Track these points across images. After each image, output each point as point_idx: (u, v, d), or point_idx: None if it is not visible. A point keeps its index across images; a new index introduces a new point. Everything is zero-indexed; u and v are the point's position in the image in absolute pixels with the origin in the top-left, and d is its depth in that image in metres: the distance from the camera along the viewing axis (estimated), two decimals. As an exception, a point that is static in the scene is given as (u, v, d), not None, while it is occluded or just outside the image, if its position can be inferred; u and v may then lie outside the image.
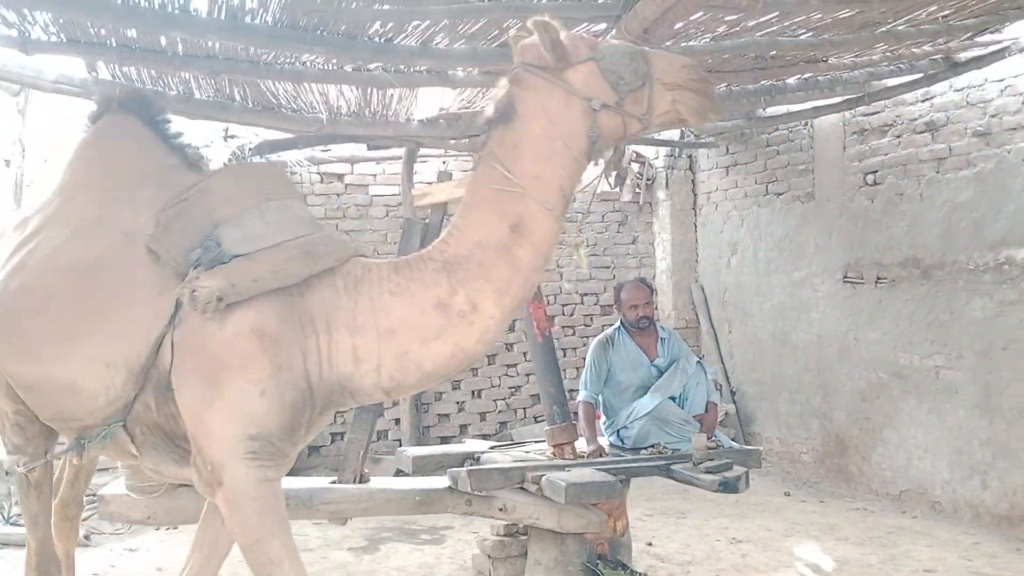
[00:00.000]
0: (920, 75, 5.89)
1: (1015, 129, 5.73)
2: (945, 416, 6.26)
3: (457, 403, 8.59)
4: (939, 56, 5.61)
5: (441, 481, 4.59)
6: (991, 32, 5.26)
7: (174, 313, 2.64)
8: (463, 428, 8.51)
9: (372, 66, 4.77)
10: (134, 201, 2.90)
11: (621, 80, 2.61)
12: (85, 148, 3.21)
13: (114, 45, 4.33)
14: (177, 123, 3.30)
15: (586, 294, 9.13)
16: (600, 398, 5.33)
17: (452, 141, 6.22)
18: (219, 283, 2.57)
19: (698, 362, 5.35)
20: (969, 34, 5.22)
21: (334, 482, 4.63)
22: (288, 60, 4.71)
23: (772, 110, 7.24)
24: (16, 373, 2.97)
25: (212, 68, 4.65)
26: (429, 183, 7.04)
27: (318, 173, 8.26)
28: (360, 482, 4.66)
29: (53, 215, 3.04)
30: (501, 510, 4.44)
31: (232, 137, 7.77)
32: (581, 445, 4.93)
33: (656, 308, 9.06)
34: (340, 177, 8.37)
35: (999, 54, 5.49)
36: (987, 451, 5.96)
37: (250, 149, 7.53)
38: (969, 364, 6.09)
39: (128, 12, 3.88)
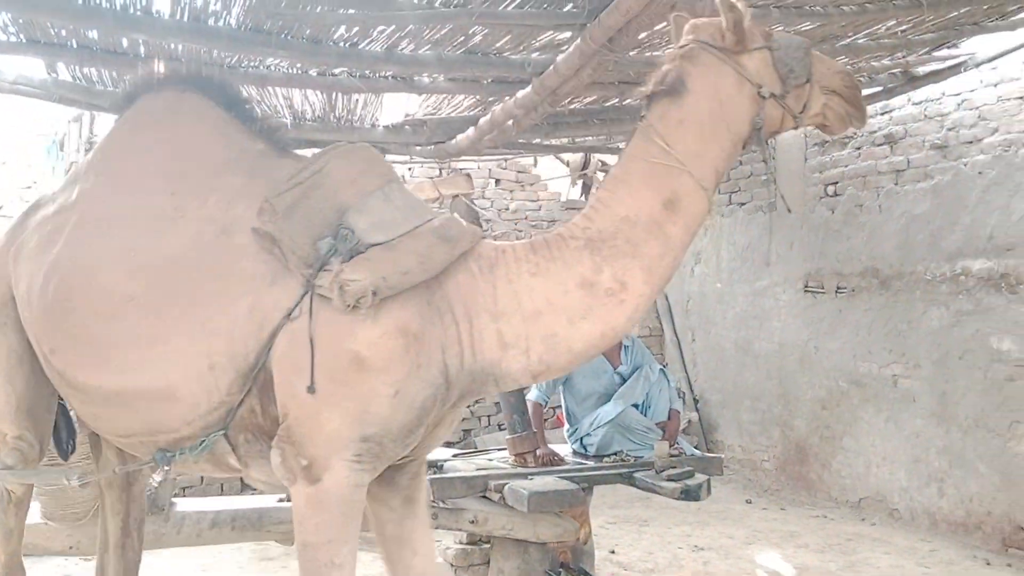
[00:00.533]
0: (879, 88, 5.98)
1: (971, 143, 5.85)
2: (903, 424, 6.35)
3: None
4: (898, 70, 5.70)
5: None
6: (948, 47, 5.36)
7: (294, 305, 2.42)
8: (427, 436, 8.46)
9: (337, 71, 4.74)
10: (221, 190, 2.63)
11: (791, 73, 2.59)
12: (135, 131, 2.87)
13: (75, 46, 4.27)
14: (256, 104, 3.00)
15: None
16: (559, 402, 5.33)
17: (418, 147, 6.19)
18: (369, 276, 2.38)
19: (661, 370, 5.37)
20: (927, 49, 5.31)
21: (282, 500, 4.23)
22: (252, 63, 4.66)
23: (735, 121, 7.29)
24: (86, 386, 2.65)
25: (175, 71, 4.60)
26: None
27: (282, 178, 8.19)
28: None
29: (101, 208, 2.72)
30: (472, 522, 4.35)
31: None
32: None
33: (620, 316, 9.12)
34: (304, 183, 8.30)
35: (956, 69, 5.59)
36: (943, 459, 6.05)
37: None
38: (926, 373, 6.18)
39: (89, 13, 3.82)
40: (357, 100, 5.44)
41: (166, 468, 2.59)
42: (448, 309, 2.50)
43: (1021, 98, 5.52)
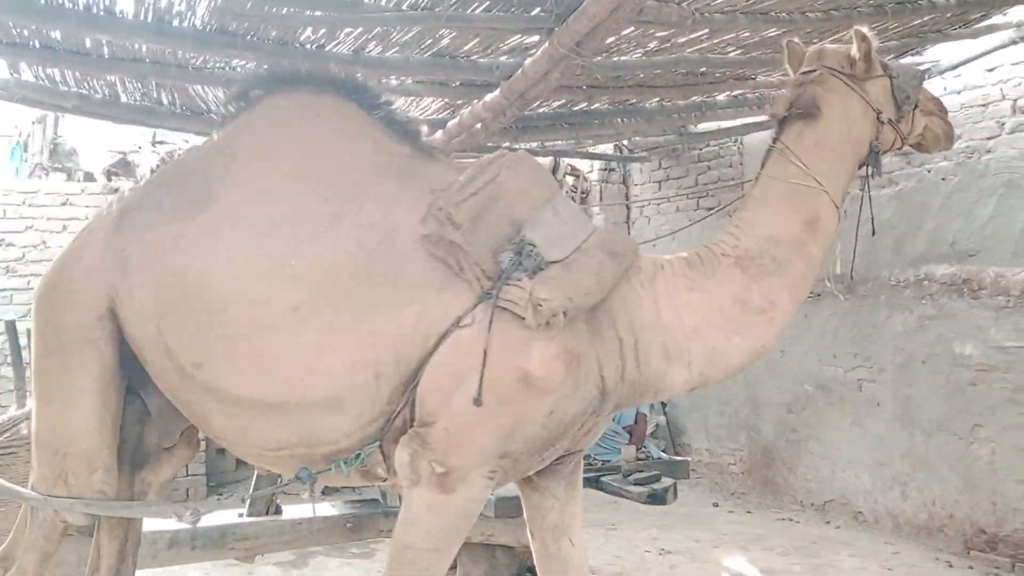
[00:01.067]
0: (845, 95, 6.04)
1: (934, 149, 5.92)
2: (867, 428, 6.41)
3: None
4: (863, 77, 5.76)
5: (370, 503, 4.38)
6: (912, 54, 5.44)
7: (463, 313, 2.40)
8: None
9: (304, 73, 4.72)
10: (376, 196, 2.56)
11: (907, 100, 2.78)
12: (271, 133, 2.72)
13: (37, 46, 4.21)
14: (398, 106, 2.83)
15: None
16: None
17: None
18: (559, 297, 2.38)
19: (629, 374, 5.38)
20: (891, 56, 5.38)
21: (242, 515, 4.11)
22: (218, 65, 4.62)
23: (703, 126, 7.36)
24: (241, 398, 2.51)
25: (139, 71, 4.55)
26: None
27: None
28: (275, 512, 4.18)
29: (244, 213, 2.57)
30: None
31: (160, 143, 7.63)
32: None
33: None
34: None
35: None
36: (907, 463, 6.11)
37: (179, 155, 7.40)
38: (890, 377, 6.25)
39: (52, 13, 3.78)
40: (324, 103, 5.41)
41: (312, 483, 2.51)
42: (611, 323, 2.52)
43: (984, 105, 5.60)
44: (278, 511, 4.19)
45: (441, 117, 5.52)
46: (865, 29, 2.71)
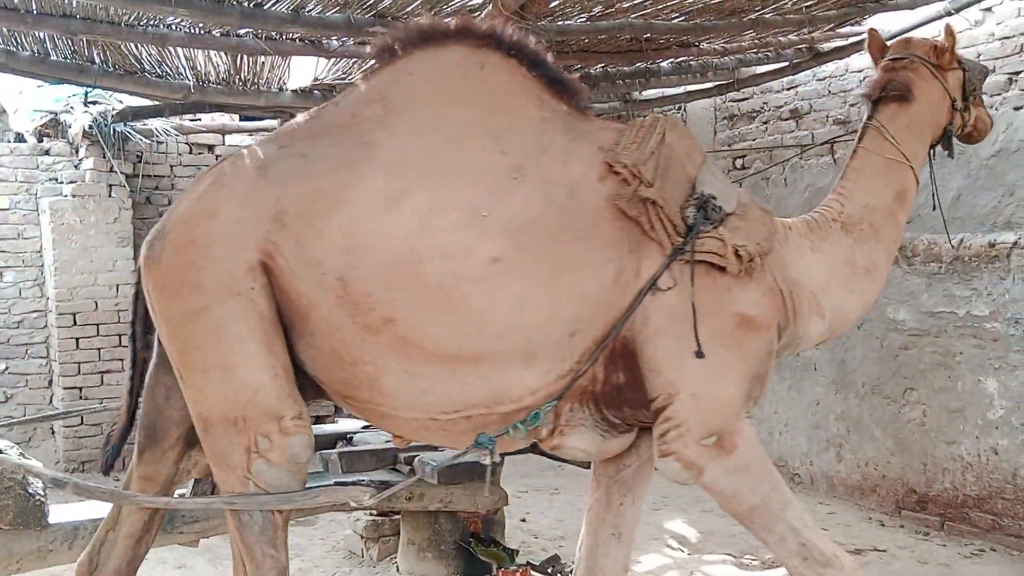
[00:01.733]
0: (786, 63, 6.09)
1: (872, 118, 6.01)
2: (804, 392, 6.55)
3: (331, 382, 8.44)
4: (803, 46, 5.82)
5: (316, 475, 4.24)
6: (852, 24, 5.49)
7: (657, 273, 2.46)
8: (338, 409, 8.36)
9: (242, 31, 4.59)
10: (550, 150, 2.55)
11: (973, 92, 3.15)
12: (433, 84, 2.64)
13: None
14: (553, 62, 2.73)
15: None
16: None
17: (327, 114, 6.06)
18: (751, 242, 2.55)
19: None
20: (831, 25, 5.43)
21: (183, 495, 3.71)
22: (151, 22, 4.47)
23: (647, 93, 7.35)
24: (434, 355, 2.43)
25: (69, 28, 4.37)
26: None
27: (187, 143, 7.95)
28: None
29: (418, 164, 2.49)
30: (408, 499, 4.26)
31: (93, 103, 7.38)
32: None
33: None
34: (211, 148, 8.07)
35: (859, 46, 5.72)
36: (841, 425, 6.27)
37: (112, 115, 7.18)
38: (827, 343, 6.37)
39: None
40: (263, 63, 5.29)
41: (492, 448, 2.45)
42: (770, 274, 2.68)
43: (919, 76, 5.70)
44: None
45: (383, 80, 5.43)
46: (953, 25, 3.12)
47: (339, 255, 2.41)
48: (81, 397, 7.26)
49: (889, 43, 3.23)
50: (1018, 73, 5.11)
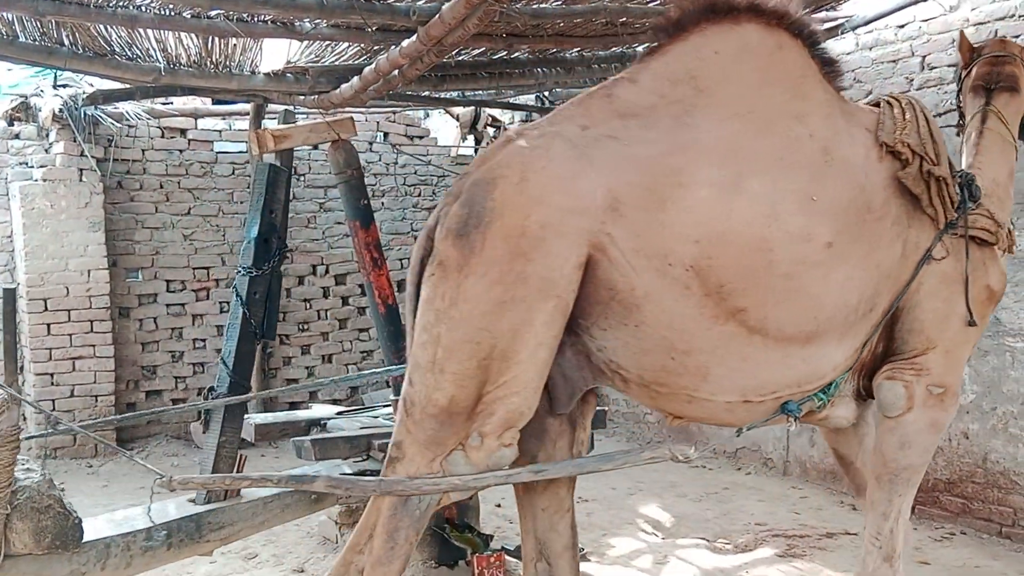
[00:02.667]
0: (762, 49, 6.09)
1: (847, 105, 6.03)
2: (778, 377, 6.58)
3: (307, 368, 8.41)
4: (780, 31, 5.80)
5: (332, 468, 4.22)
6: (827, 9, 5.49)
7: (929, 245, 2.73)
8: (312, 394, 8.34)
9: (213, 13, 4.51)
10: (840, 133, 2.67)
11: None
12: (737, 65, 2.60)
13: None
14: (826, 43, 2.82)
15: (440, 258, 9.07)
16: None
17: (300, 97, 5.98)
18: (1004, 221, 2.95)
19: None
20: (808, 10, 5.42)
21: (194, 501, 3.66)
22: (121, 3, 4.39)
23: (624, 78, 7.34)
24: (776, 339, 2.49)
25: (37, 9, 4.28)
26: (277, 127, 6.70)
27: (158, 127, 7.85)
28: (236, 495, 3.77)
29: (740, 148, 2.48)
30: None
31: (63, 86, 7.28)
32: None
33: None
34: (183, 132, 7.97)
35: (833, 32, 5.74)
36: (815, 410, 6.31)
37: (83, 99, 7.08)
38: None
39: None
40: (235, 45, 5.22)
41: (796, 417, 2.65)
42: None
43: (894, 61, 5.72)
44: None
45: (358, 63, 5.37)
46: None
47: (688, 245, 2.36)
48: (52, 384, 7.19)
49: (976, 44, 3.45)
50: (991, 60, 5.13)
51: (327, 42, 5.11)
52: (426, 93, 6.64)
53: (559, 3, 4.61)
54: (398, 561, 2.44)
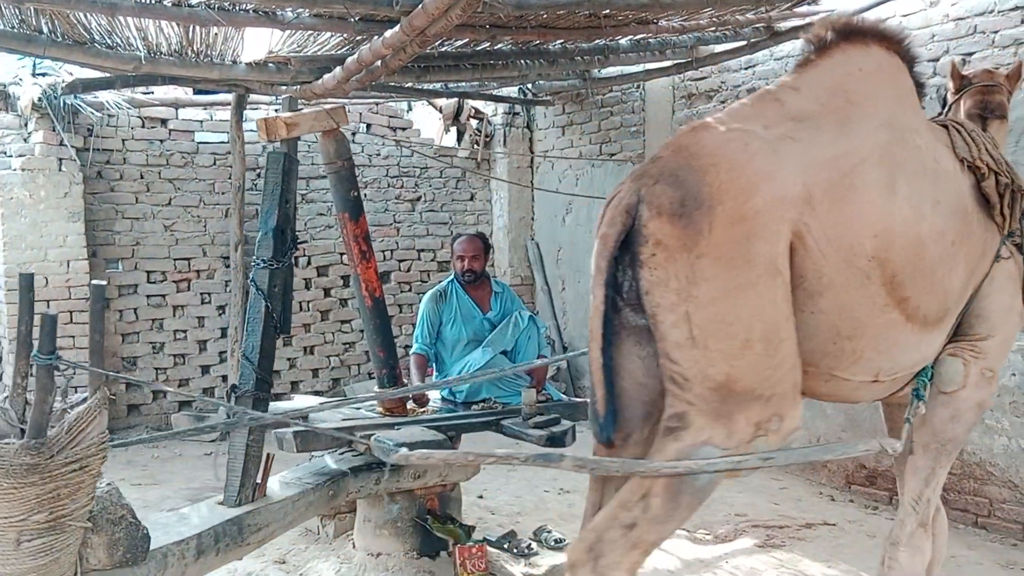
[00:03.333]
0: (744, 42, 6.12)
1: (828, 99, 6.07)
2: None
3: (288, 359, 8.38)
4: (761, 24, 5.84)
5: (341, 462, 4.22)
6: (809, 3, 5.52)
7: (997, 249, 3.08)
8: (295, 385, 8.33)
9: (194, 1, 4.50)
10: (936, 146, 3.01)
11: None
12: (873, 81, 2.91)
13: None
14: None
15: (423, 250, 9.08)
16: (433, 351, 5.31)
17: (283, 87, 5.96)
18: None
19: (530, 316, 5.40)
20: (788, 4, 5.46)
21: (222, 503, 3.59)
22: (100, -9, 4.37)
23: (606, 71, 7.37)
24: (926, 324, 2.83)
25: (14, -4, 4.26)
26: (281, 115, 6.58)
27: (139, 117, 7.78)
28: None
29: (889, 155, 2.73)
30: (417, 477, 4.30)
31: (42, 75, 7.20)
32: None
33: (492, 264, 9.15)
34: (163, 122, 7.91)
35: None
36: (795, 402, 6.35)
37: (62, 87, 7.01)
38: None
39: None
40: (216, 34, 5.19)
41: (923, 399, 3.01)
42: None
43: (874, 57, 5.75)
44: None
45: (340, 53, 5.36)
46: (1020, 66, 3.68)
47: (868, 238, 2.60)
48: (31, 375, 7.11)
49: (966, 72, 3.73)
50: (971, 54, 5.18)
51: (309, 32, 5.10)
52: (409, 84, 6.63)
53: (542, -6, 4.62)
54: (674, 523, 2.57)
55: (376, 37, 4.55)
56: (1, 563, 2.58)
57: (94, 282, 2.82)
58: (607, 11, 4.96)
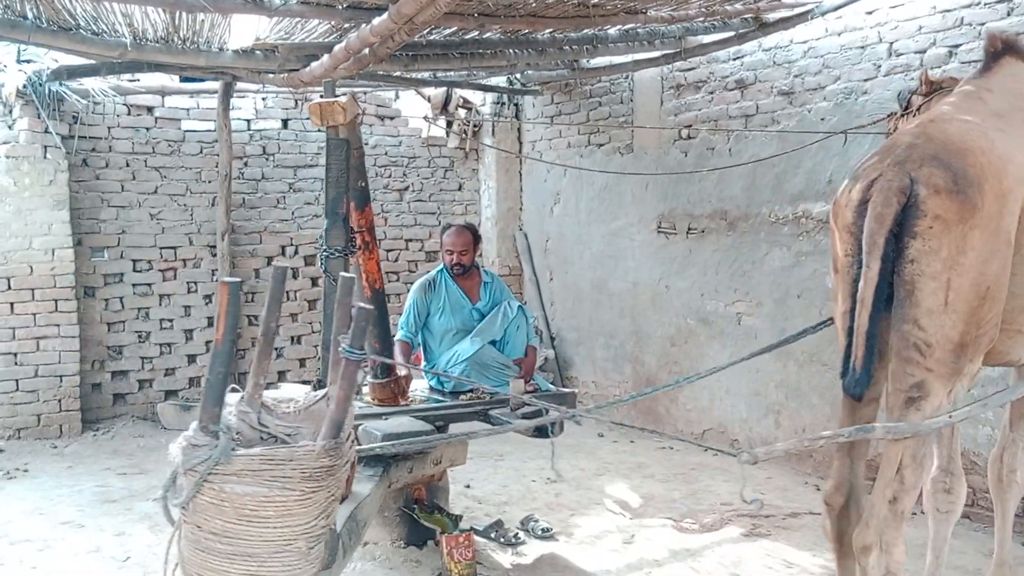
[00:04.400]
0: (732, 33, 6.12)
1: (815, 89, 6.08)
2: (746, 362, 6.64)
3: (276, 349, 8.35)
4: (749, 16, 5.84)
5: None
6: (798, -6, 5.53)
7: None
8: (281, 375, 8.30)
9: (180, -12, 4.47)
10: None
11: None
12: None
13: None
14: None
15: (411, 240, 9.06)
16: (420, 339, 5.31)
17: (270, 75, 5.93)
18: None
19: (519, 306, 5.40)
20: (775, -6, 5.47)
21: None
22: (85, -24, 4.33)
23: (595, 62, 7.36)
24: None
25: (-3, -20, 4.22)
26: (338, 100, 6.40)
27: (125, 104, 7.73)
28: None
29: None
30: (437, 464, 4.38)
31: (27, 61, 7.14)
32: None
33: (481, 255, 9.14)
34: (149, 110, 7.86)
35: (803, 17, 5.78)
36: (780, 392, 6.39)
37: (47, 74, 6.95)
38: (767, 311, 6.48)
39: None
40: (203, 20, 5.15)
41: None
42: None
43: (862, 47, 5.77)
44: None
45: (328, 41, 5.33)
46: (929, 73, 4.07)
47: None
48: (16, 363, 7.09)
49: (935, 79, 4.01)
50: (958, 46, 5.20)
51: (297, 19, 5.06)
52: (397, 73, 6.61)
53: (531, -17, 4.61)
54: (919, 487, 2.97)
55: (364, 25, 4.53)
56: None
57: (226, 279, 2.59)
58: (596, 0, 4.96)
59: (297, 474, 2.37)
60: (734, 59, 6.68)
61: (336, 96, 4.11)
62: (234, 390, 2.52)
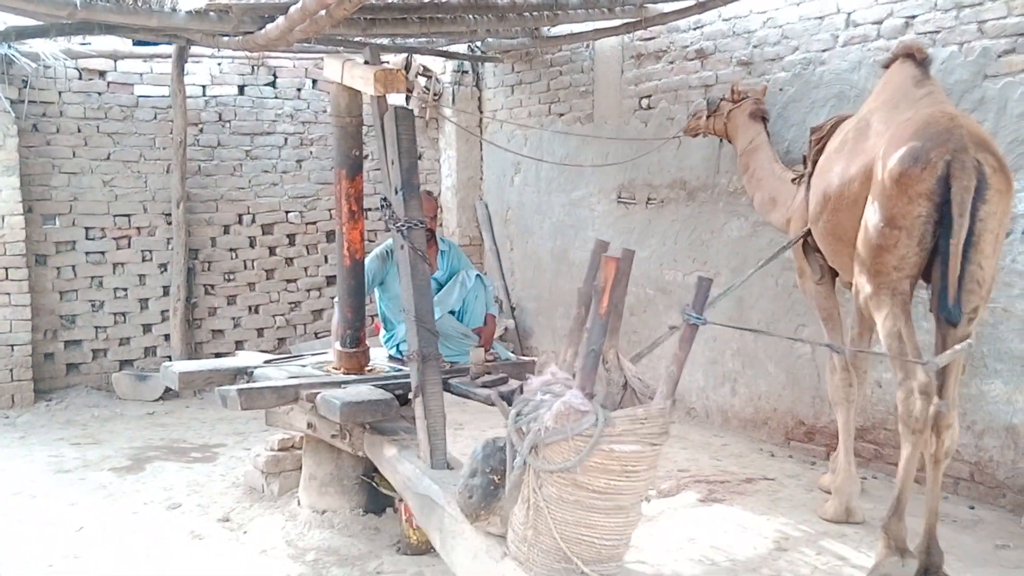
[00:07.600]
0: (693, 2, 6.10)
1: (773, 60, 6.10)
2: (702, 329, 6.68)
3: (233, 319, 8.28)
4: (710, -16, 5.83)
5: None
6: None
7: None
8: (239, 344, 8.22)
9: (130, -53, 4.34)
10: None
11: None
12: None
13: None
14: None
15: (369, 208, 8.94)
16: (379, 309, 5.28)
17: (224, 38, 5.81)
18: None
19: (478, 275, 5.38)
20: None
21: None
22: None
23: (555, 30, 7.32)
24: None
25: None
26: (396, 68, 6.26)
27: (76, 68, 7.55)
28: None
29: None
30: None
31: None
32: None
33: (441, 224, 9.09)
34: (101, 74, 7.68)
35: (764, -13, 5.78)
36: (737, 361, 6.47)
37: (-7, 36, 6.75)
38: (725, 280, 6.53)
39: None
40: (155, -20, 5.03)
41: None
42: None
43: (820, 18, 5.79)
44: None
45: (283, 2, 5.22)
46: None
47: None
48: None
49: (740, 89, 5.45)
50: (914, 17, 5.23)
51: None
52: (357, 38, 6.51)
53: (491, -53, 4.55)
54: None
55: (321, -14, 4.44)
56: (633, 529, 2.81)
57: (610, 254, 2.81)
58: (556, -34, 4.92)
59: (657, 430, 2.69)
60: (694, 28, 6.67)
61: (383, 63, 4.04)
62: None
